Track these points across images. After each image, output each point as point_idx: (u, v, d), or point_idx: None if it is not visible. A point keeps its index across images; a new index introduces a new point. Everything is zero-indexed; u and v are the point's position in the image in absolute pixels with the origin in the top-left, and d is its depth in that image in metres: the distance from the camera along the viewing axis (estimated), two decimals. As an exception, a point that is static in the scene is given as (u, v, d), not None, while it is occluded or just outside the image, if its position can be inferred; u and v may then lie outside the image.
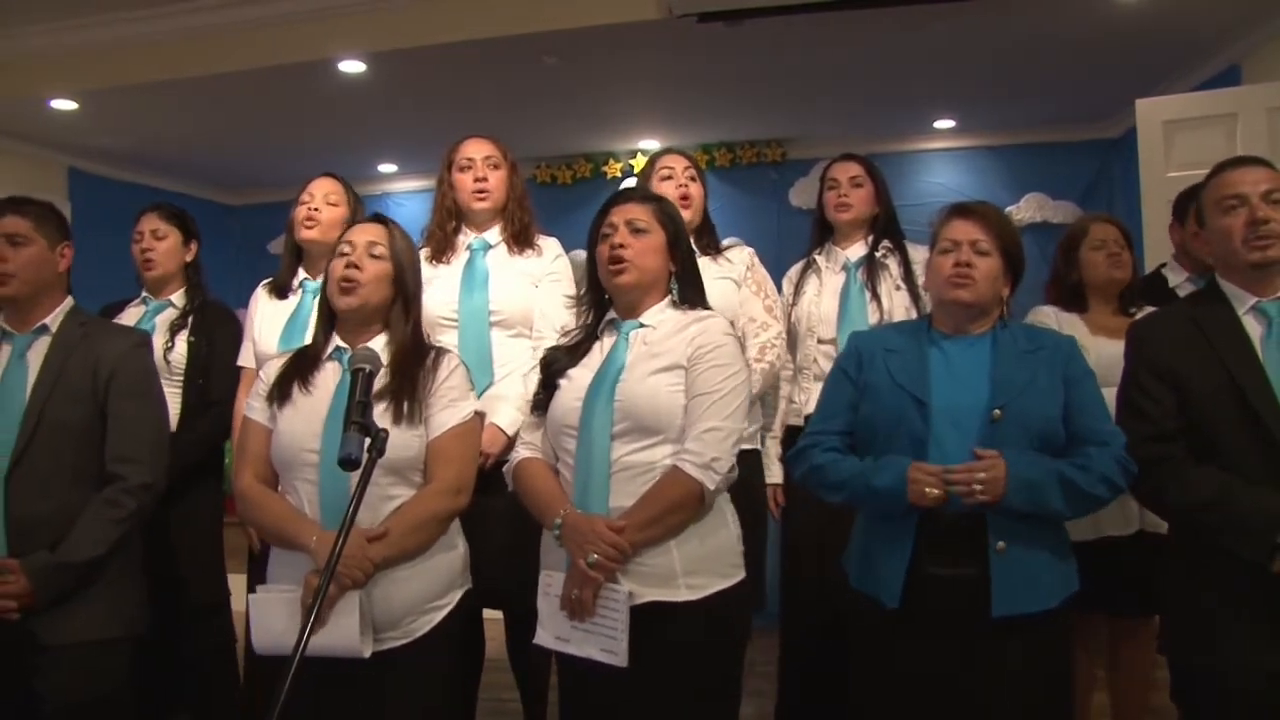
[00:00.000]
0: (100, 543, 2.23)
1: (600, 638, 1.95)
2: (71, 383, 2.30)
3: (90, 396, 2.31)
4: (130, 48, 5.02)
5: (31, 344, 2.35)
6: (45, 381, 2.29)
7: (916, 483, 2.01)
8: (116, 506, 2.27)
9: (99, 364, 2.33)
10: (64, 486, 2.25)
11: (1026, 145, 6.68)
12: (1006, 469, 1.98)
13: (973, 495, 1.98)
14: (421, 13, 4.68)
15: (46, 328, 2.37)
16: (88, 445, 2.30)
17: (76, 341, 2.36)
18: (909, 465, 2.03)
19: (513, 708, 3.12)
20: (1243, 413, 2.03)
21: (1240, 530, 2.00)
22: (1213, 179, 2.20)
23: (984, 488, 1.97)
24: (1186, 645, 2.14)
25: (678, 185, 2.98)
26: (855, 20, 4.46)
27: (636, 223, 2.14)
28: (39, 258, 2.37)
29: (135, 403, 2.36)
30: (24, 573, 2.15)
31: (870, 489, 2.09)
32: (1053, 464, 2.03)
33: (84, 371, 2.31)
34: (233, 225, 7.79)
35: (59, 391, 2.29)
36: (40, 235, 2.37)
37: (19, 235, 2.34)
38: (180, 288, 3.17)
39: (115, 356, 2.35)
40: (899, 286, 3.01)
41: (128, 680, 2.33)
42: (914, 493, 2.01)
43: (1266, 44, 4.77)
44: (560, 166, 7.25)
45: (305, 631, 1.55)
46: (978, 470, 1.99)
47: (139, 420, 2.35)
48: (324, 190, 3.02)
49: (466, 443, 2.17)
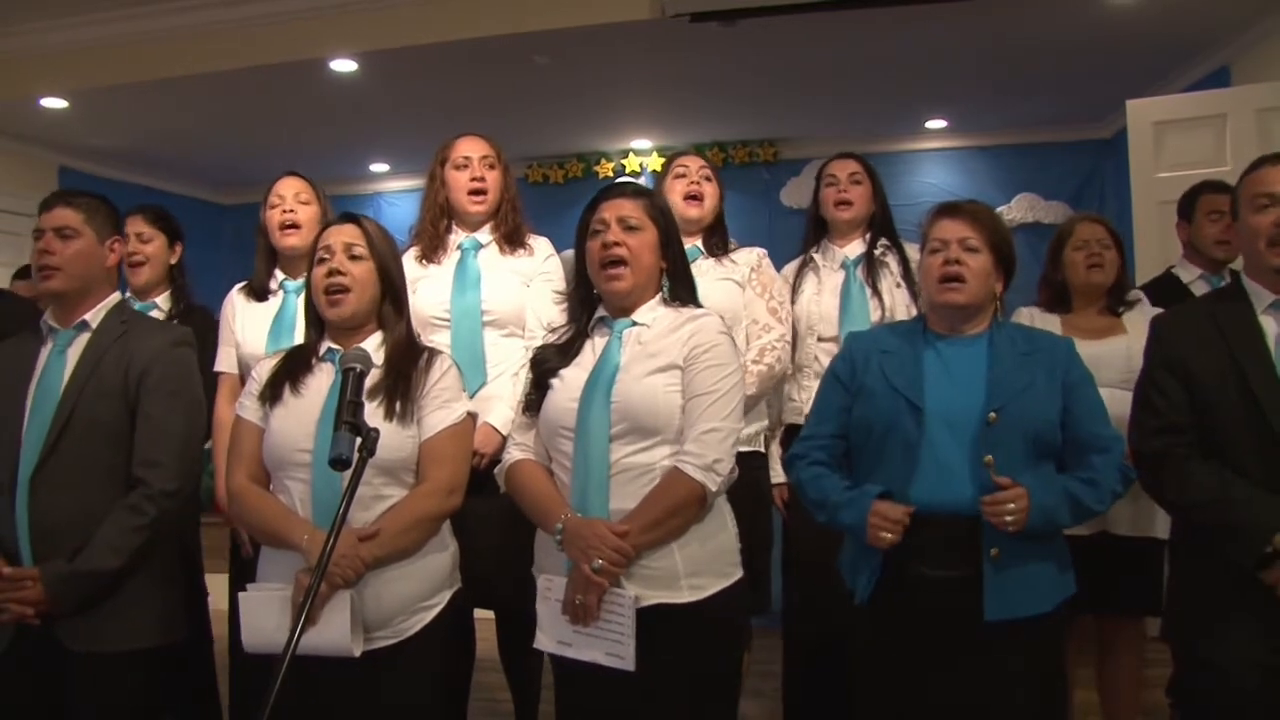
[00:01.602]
0: (119, 551, 2.19)
1: (605, 641, 1.94)
2: (105, 380, 2.25)
3: (122, 394, 2.25)
4: (121, 46, 5.01)
5: (72, 340, 2.30)
6: (79, 378, 2.25)
7: (874, 527, 2.02)
8: (137, 514, 2.21)
9: (133, 361, 2.27)
10: (94, 485, 2.22)
11: (1018, 145, 6.71)
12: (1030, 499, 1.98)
13: (1003, 525, 1.98)
14: (413, 12, 4.68)
15: (87, 324, 2.32)
16: (120, 444, 2.25)
17: (115, 338, 2.30)
18: (871, 506, 2.04)
19: (505, 708, 3.11)
20: (1249, 409, 2.03)
21: (1232, 534, 2.01)
22: (1249, 174, 2.16)
23: (1012, 520, 1.97)
24: (1187, 637, 2.15)
25: (690, 183, 2.94)
26: (847, 20, 4.47)
27: (629, 220, 2.10)
28: (87, 251, 2.31)
29: (165, 403, 2.28)
30: (41, 580, 2.13)
31: (838, 522, 2.12)
32: (1063, 484, 2.04)
33: (118, 368, 2.26)
34: (224, 225, 7.77)
35: (92, 388, 2.24)
36: (90, 228, 2.32)
37: (68, 228, 2.29)
38: (166, 290, 3.15)
39: (150, 354, 2.29)
40: (899, 284, 3.00)
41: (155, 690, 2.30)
42: (871, 535, 2.03)
43: (1256, 46, 4.79)
44: (552, 166, 7.26)
45: (297, 630, 1.55)
46: (1007, 501, 1.98)
47: (167, 421, 2.28)
48: (293, 190, 2.96)
49: (459, 444, 2.16)
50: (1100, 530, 2.75)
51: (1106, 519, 2.71)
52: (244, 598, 2.05)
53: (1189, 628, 2.13)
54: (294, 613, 1.91)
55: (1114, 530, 2.76)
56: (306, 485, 2.05)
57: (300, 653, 1.56)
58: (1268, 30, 4.64)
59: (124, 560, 2.19)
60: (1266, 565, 1.96)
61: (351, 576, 1.95)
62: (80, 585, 2.16)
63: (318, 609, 1.94)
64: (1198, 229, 3.38)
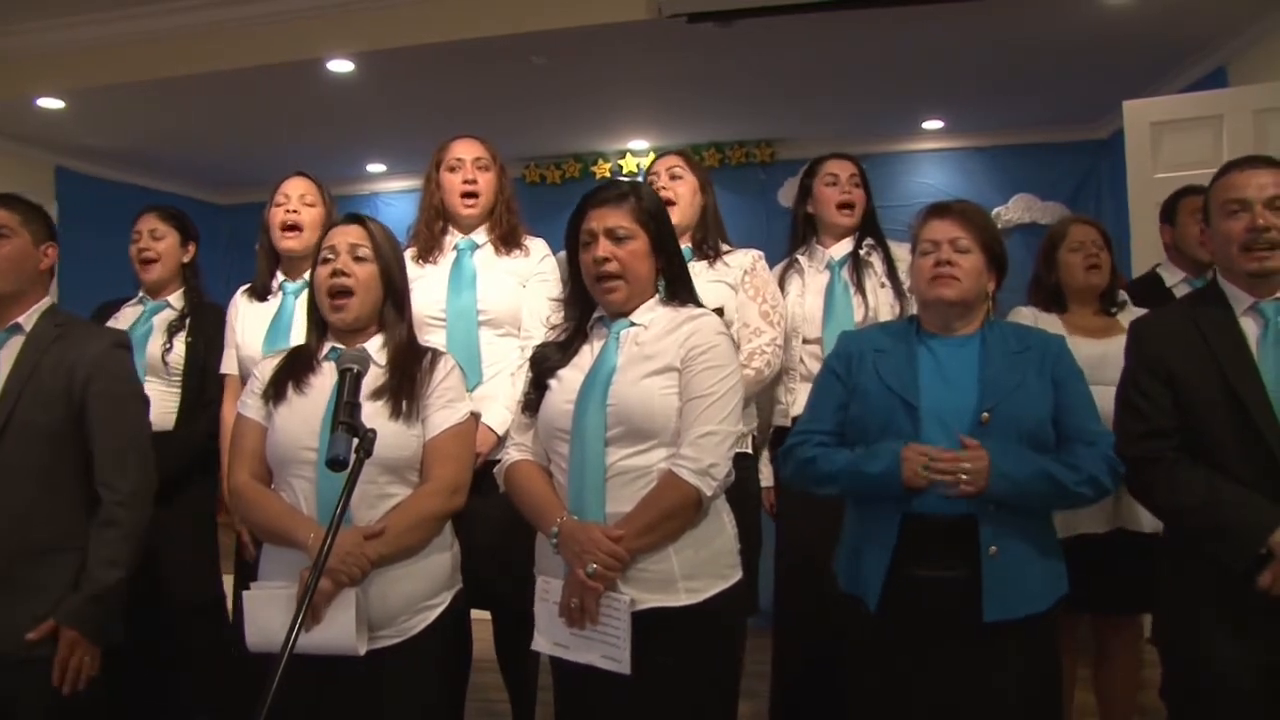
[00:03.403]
0: (116, 563, 2.21)
1: (601, 645, 1.94)
2: (44, 384, 2.25)
3: (64, 399, 2.25)
4: (118, 46, 5.00)
5: (4, 343, 2.30)
6: (15, 383, 2.24)
7: (911, 462, 2.00)
8: (115, 525, 2.23)
9: (75, 366, 2.27)
10: (35, 488, 2.21)
11: (1015, 146, 6.72)
12: (990, 460, 1.98)
13: (957, 484, 1.97)
14: (410, 12, 4.67)
15: (20, 326, 2.32)
16: (61, 447, 2.25)
17: (50, 341, 2.30)
18: (902, 447, 2.03)
19: (501, 708, 3.11)
20: (1234, 412, 2.03)
21: (1223, 537, 2.01)
22: (1219, 179, 2.16)
23: (969, 478, 1.97)
24: (1177, 639, 2.15)
25: (660, 189, 2.88)
26: (844, 21, 4.47)
27: (617, 231, 2.07)
28: (21, 253, 2.33)
29: (113, 406, 2.30)
30: (63, 624, 2.15)
31: (864, 476, 2.07)
32: (1038, 460, 2.03)
33: (58, 373, 2.26)
34: (221, 225, 7.76)
35: (30, 393, 2.23)
36: (25, 230, 2.33)
37: (3, 228, 2.30)
38: (178, 289, 3.15)
39: (92, 359, 2.29)
40: (884, 284, 2.99)
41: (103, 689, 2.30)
42: (909, 472, 2.00)
43: (1252, 47, 4.80)
44: (549, 166, 7.26)
45: (295, 627, 1.54)
46: (963, 460, 1.98)
47: (118, 424, 2.30)
48: (299, 190, 2.97)
49: (463, 443, 2.17)
50: (1117, 528, 2.74)
51: (1121, 515, 2.71)
52: (248, 596, 2.05)
53: (1181, 629, 2.13)
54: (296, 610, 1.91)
55: (1133, 528, 2.73)
56: (311, 484, 2.05)
57: (306, 651, 1.57)
58: (1265, 31, 4.65)
59: (125, 570, 2.23)
60: (1259, 567, 1.96)
61: (357, 574, 1.96)
62: (98, 607, 2.19)
63: (321, 607, 1.94)
64: (1182, 230, 3.42)
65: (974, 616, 1.99)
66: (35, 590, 2.19)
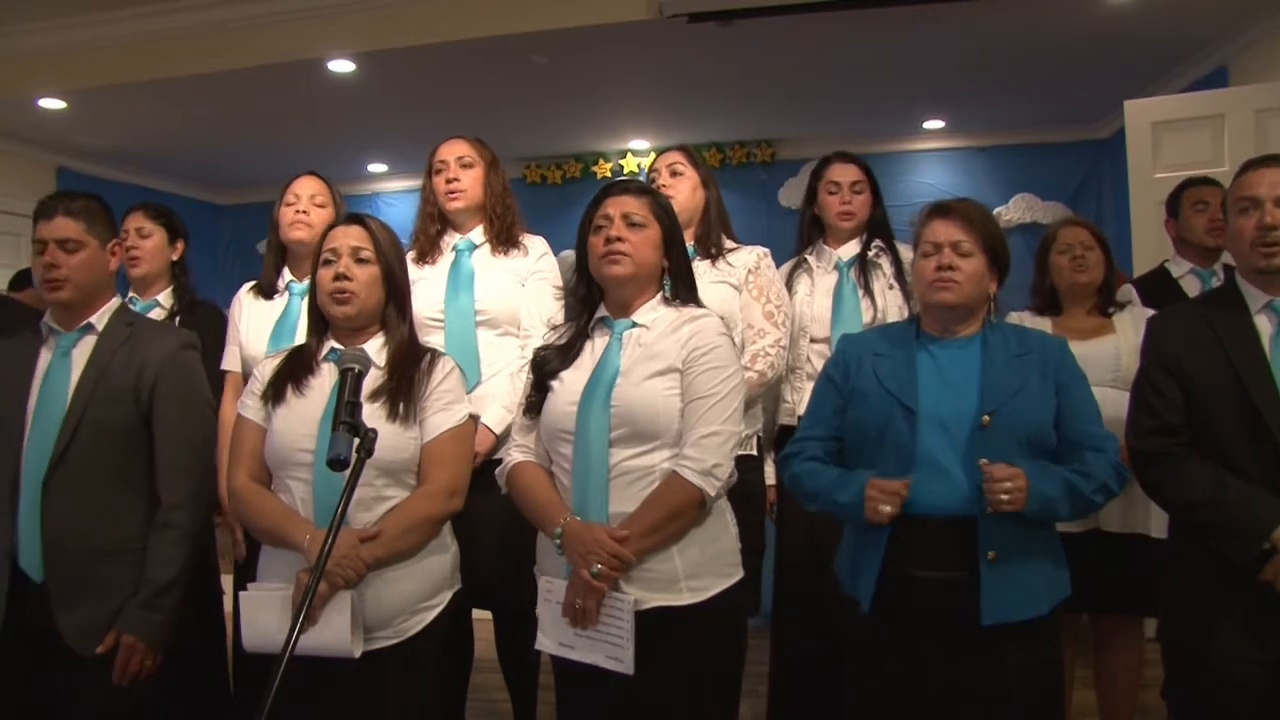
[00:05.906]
0: (170, 563, 2.22)
1: (605, 645, 1.94)
2: (114, 384, 2.27)
3: (133, 398, 2.28)
4: (119, 47, 5.00)
5: (76, 343, 2.32)
6: (88, 382, 2.26)
7: (871, 500, 2.00)
8: (172, 527, 2.24)
9: (144, 367, 2.29)
10: (104, 487, 2.23)
11: (1016, 146, 6.71)
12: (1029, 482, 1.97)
13: (999, 503, 1.96)
14: (411, 12, 4.68)
15: (92, 326, 2.33)
16: (132, 446, 2.28)
17: (121, 341, 2.32)
18: (866, 482, 2.02)
19: (503, 708, 3.11)
20: (1244, 410, 2.04)
21: (1228, 533, 2.01)
22: (1236, 178, 2.19)
23: (1009, 497, 1.95)
24: (1180, 635, 2.15)
25: (661, 186, 2.89)
26: (845, 21, 4.47)
27: (633, 216, 2.10)
28: (91, 260, 2.32)
29: (178, 410, 2.32)
30: (122, 631, 2.17)
31: (834, 503, 2.10)
32: (1061, 474, 2.03)
33: (127, 373, 2.28)
34: (222, 225, 7.78)
35: (101, 392, 2.25)
36: (92, 237, 2.33)
37: (70, 240, 2.29)
38: (167, 287, 3.14)
39: (159, 360, 2.31)
40: (892, 286, 2.98)
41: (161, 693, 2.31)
42: (869, 509, 2.00)
43: (1253, 46, 4.80)
44: (550, 166, 7.26)
45: (294, 630, 1.54)
46: (1005, 480, 1.95)
47: (182, 427, 2.31)
48: (309, 190, 2.97)
49: (461, 446, 2.17)
50: (1092, 527, 2.75)
51: (1097, 516, 2.71)
52: (244, 597, 2.06)
53: (1186, 626, 2.13)
54: (294, 612, 1.91)
55: (1105, 527, 2.76)
56: (308, 485, 2.05)
57: (300, 653, 1.56)
58: (1266, 31, 4.65)
59: (179, 569, 2.23)
60: (1263, 562, 1.96)
61: (353, 577, 1.96)
62: (152, 614, 2.20)
63: (317, 609, 1.94)
64: (1185, 222, 3.51)
65: (973, 619, 1.99)
66: (110, 590, 2.21)
